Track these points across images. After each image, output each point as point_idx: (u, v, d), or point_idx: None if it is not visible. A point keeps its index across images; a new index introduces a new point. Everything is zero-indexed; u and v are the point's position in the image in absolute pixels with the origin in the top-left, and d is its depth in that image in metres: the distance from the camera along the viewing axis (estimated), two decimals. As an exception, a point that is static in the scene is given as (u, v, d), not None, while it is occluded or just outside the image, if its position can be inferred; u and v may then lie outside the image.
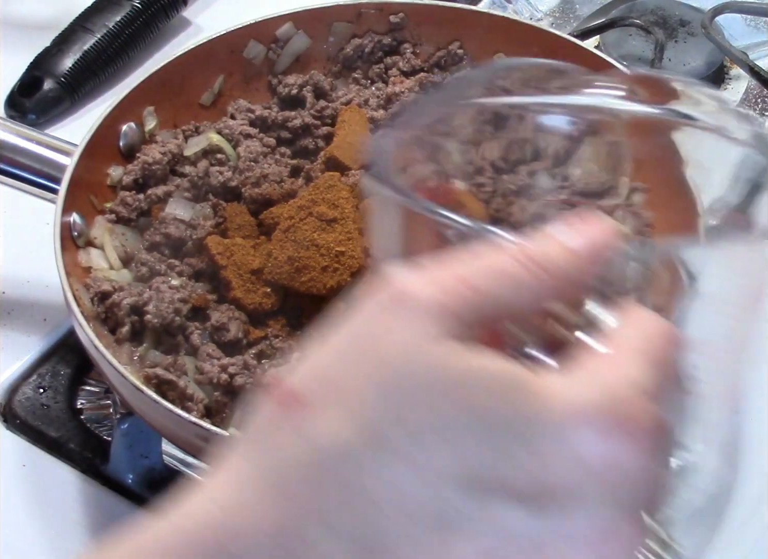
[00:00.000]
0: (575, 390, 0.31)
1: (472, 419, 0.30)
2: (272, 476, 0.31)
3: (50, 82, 0.93)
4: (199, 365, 0.67)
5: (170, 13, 0.99)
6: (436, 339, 0.31)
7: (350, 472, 0.31)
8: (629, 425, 0.31)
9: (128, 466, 0.71)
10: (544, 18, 1.02)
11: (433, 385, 0.30)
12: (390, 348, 0.31)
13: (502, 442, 0.30)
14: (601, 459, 0.30)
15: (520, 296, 0.32)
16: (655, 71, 0.32)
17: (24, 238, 0.82)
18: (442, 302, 0.31)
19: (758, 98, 0.96)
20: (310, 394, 0.31)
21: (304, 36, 0.85)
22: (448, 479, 0.30)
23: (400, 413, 0.30)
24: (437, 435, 0.30)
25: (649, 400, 0.31)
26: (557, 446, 0.30)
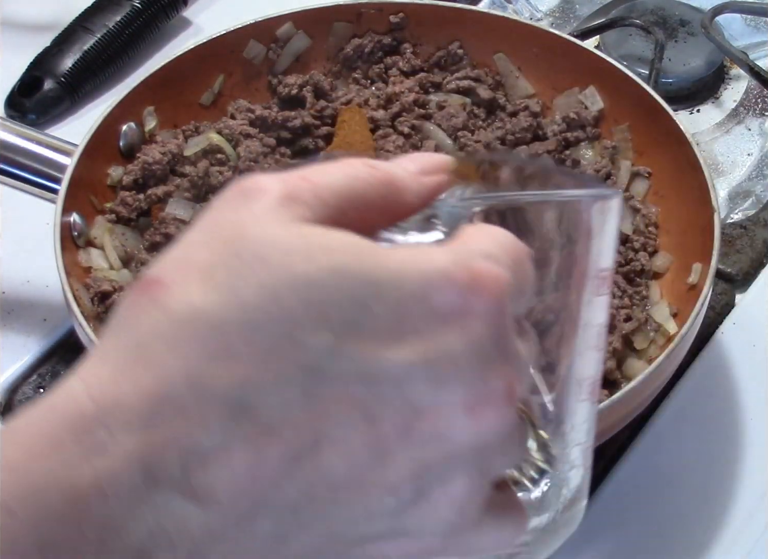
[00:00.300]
0: (426, 253, 0.33)
1: (326, 277, 0.32)
2: (132, 347, 0.32)
3: (50, 82, 0.93)
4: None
5: (170, 13, 0.99)
6: (279, 216, 0.33)
7: (208, 334, 0.32)
8: (483, 281, 0.33)
9: (128, 466, 0.70)
10: (544, 18, 1.02)
11: (278, 250, 0.32)
12: (236, 224, 0.33)
13: (357, 296, 0.32)
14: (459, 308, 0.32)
15: (364, 190, 0.35)
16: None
17: (24, 238, 0.82)
18: (284, 188, 0.34)
19: (758, 98, 0.96)
20: (166, 274, 0.33)
21: (304, 36, 0.85)
22: (308, 332, 0.32)
23: (250, 275, 0.32)
24: (292, 291, 0.32)
25: (502, 267, 0.33)
26: (412, 300, 0.32)
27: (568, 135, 0.81)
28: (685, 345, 0.67)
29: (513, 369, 0.34)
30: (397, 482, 0.33)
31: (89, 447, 0.31)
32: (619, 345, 0.70)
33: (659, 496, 0.71)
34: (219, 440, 0.31)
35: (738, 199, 0.89)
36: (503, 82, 0.85)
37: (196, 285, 0.32)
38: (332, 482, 0.32)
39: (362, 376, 0.32)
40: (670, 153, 0.77)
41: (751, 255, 0.83)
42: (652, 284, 0.75)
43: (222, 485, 0.32)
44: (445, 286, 0.33)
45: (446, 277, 0.33)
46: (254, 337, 0.32)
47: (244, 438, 0.32)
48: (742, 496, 0.71)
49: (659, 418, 0.74)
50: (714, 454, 0.73)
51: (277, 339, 0.32)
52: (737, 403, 0.75)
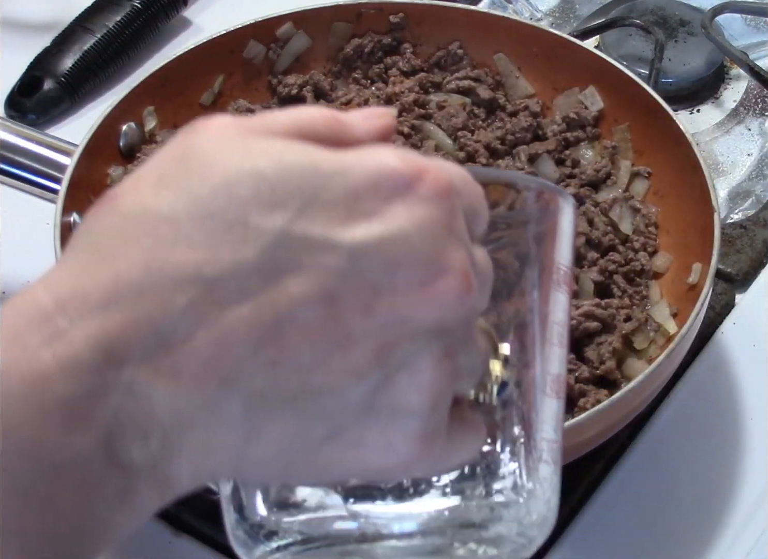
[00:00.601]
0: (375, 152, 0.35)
1: (276, 169, 0.33)
2: (89, 248, 0.33)
3: (50, 82, 0.93)
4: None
5: (170, 13, 0.99)
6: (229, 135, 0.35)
7: (162, 226, 0.33)
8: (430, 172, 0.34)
9: (128, 466, 0.71)
10: (544, 18, 1.02)
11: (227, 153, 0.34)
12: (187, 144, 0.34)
13: (307, 185, 0.33)
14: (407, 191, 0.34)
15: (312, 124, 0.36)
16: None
17: (24, 238, 0.82)
18: (235, 121, 0.35)
19: (758, 98, 0.96)
20: (121, 188, 0.34)
21: (304, 36, 0.85)
22: (260, 216, 0.33)
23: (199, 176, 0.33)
24: (242, 184, 0.33)
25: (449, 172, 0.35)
26: (362, 186, 0.33)
27: (568, 135, 0.81)
28: (685, 345, 0.67)
29: (466, 255, 0.34)
30: (362, 365, 0.33)
31: (49, 335, 0.31)
32: (619, 345, 0.70)
33: (659, 496, 0.71)
34: (180, 320, 0.32)
35: (738, 199, 0.89)
36: (503, 82, 0.85)
37: (148, 189, 0.33)
38: (296, 364, 0.33)
39: (316, 256, 0.33)
40: (670, 153, 0.77)
41: (751, 255, 0.83)
42: (652, 284, 0.75)
43: (185, 364, 0.32)
44: (393, 174, 0.34)
45: (394, 169, 0.34)
46: (207, 224, 0.32)
47: (205, 318, 0.32)
48: (742, 496, 0.71)
49: (659, 418, 0.74)
50: (714, 454, 0.73)
51: (231, 225, 0.32)
52: (737, 403, 0.75)
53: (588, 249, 0.75)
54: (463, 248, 0.35)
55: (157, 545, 0.68)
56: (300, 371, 0.33)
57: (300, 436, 0.34)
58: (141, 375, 0.32)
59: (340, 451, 0.35)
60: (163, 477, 0.34)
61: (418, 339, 0.34)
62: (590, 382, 0.69)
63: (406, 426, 0.34)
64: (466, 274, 0.34)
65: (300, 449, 0.34)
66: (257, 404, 0.33)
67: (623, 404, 0.63)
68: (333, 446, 0.34)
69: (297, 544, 0.39)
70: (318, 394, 0.33)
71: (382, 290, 0.33)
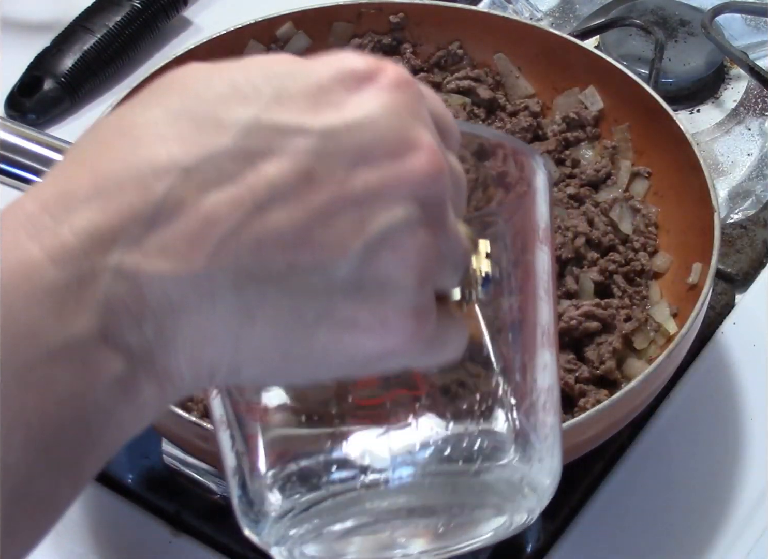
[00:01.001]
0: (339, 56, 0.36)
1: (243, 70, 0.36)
2: (69, 157, 0.35)
3: (50, 82, 0.93)
4: (199, 365, 0.67)
5: (170, 13, 0.99)
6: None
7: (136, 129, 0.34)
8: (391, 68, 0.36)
9: (128, 466, 0.71)
10: (544, 18, 1.02)
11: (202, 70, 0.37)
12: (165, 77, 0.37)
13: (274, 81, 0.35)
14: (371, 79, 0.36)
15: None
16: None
17: (24, 238, 0.82)
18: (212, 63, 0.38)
19: (758, 98, 0.96)
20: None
21: (304, 36, 0.85)
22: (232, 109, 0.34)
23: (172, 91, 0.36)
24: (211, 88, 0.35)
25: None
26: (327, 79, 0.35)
27: (568, 135, 0.81)
28: (685, 345, 0.67)
29: (432, 137, 0.36)
30: (344, 239, 0.34)
31: (35, 232, 0.32)
32: (619, 345, 0.70)
33: (659, 496, 0.71)
34: (161, 205, 0.33)
35: (738, 199, 0.89)
36: (503, 82, 0.85)
37: (125, 109, 0.35)
38: (280, 242, 0.34)
39: (289, 139, 0.34)
40: (670, 153, 0.77)
41: (751, 255, 0.83)
42: (652, 283, 0.75)
43: (170, 243, 0.33)
44: (356, 68, 0.36)
45: (357, 64, 0.36)
46: (181, 123, 0.34)
47: (185, 202, 0.33)
48: (742, 496, 0.71)
49: (659, 418, 0.74)
50: (714, 454, 0.73)
51: (203, 120, 0.34)
52: (737, 403, 0.75)
53: (588, 249, 0.75)
54: (429, 131, 0.36)
55: (157, 545, 0.68)
56: (285, 249, 0.34)
57: (293, 318, 0.34)
58: (128, 258, 0.33)
59: (335, 333, 0.35)
60: (162, 369, 0.34)
61: (396, 213, 0.35)
62: (590, 382, 0.69)
63: (396, 302, 0.35)
64: (434, 150, 0.36)
65: (294, 333, 0.35)
66: (247, 285, 0.34)
67: (623, 404, 0.63)
68: (327, 328, 0.35)
69: (300, 509, 0.40)
70: (305, 271, 0.34)
71: (355, 166, 0.34)
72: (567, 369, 0.69)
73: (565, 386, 0.68)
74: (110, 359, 0.33)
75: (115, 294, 0.32)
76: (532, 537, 0.67)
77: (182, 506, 0.70)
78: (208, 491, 0.72)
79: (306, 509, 0.40)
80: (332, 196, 0.34)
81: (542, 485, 0.42)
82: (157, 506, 0.70)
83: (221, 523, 0.69)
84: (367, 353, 0.36)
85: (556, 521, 0.69)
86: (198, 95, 0.35)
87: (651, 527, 0.69)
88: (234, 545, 0.68)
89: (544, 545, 0.68)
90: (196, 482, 0.72)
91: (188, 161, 0.33)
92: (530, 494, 0.42)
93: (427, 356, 0.38)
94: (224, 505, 0.71)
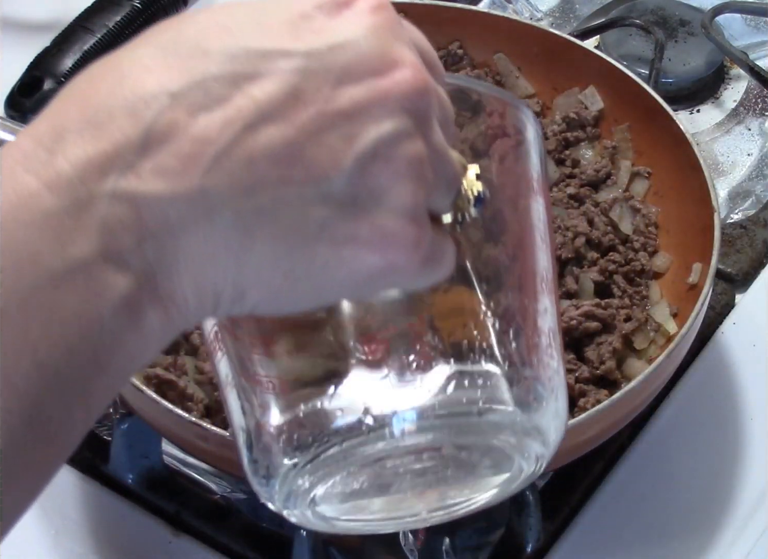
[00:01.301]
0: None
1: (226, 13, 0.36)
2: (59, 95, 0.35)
3: (50, 82, 0.93)
4: (199, 364, 0.67)
5: (170, 13, 0.99)
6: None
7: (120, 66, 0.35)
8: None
9: (128, 466, 0.71)
10: (544, 18, 1.02)
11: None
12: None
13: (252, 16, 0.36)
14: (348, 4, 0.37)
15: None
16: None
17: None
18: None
19: (758, 98, 0.96)
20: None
21: (304, 36, 0.85)
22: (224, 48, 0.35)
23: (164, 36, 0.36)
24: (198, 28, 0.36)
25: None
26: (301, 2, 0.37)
27: (568, 135, 0.81)
28: (685, 345, 0.67)
29: (414, 55, 0.37)
30: (335, 153, 0.35)
31: (30, 164, 0.33)
32: (619, 345, 0.70)
33: (659, 496, 0.71)
34: (152, 129, 0.34)
35: (738, 199, 0.89)
36: (503, 82, 0.85)
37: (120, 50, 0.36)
38: (273, 158, 0.34)
39: (274, 62, 0.35)
40: (670, 153, 0.77)
41: (751, 255, 0.83)
42: (652, 283, 0.75)
43: (164, 164, 0.33)
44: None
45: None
46: (168, 58, 0.35)
47: (176, 124, 0.34)
48: (742, 496, 0.71)
49: (659, 418, 0.74)
50: (714, 454, 0.73)
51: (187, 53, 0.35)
52: (737, 403, 0.75)
53: (588, 249, 0.75)
54: (411, 50, 0.37)
55: (157, 545, 0.68)
56: (277, 165, 0.34)
57: (291, 234, 0.35)
58: (123, 182, 0.33)
59: (335, 247, 0.36)
60: (166, 294, 0.34)
61: (384, 126, 0.36)
62: (590, 382, 0.69)
63: (392, 213, 0.36)
64: (417, 67, 0.36)
65: (294, 249, 0.35)
66: (243, 201, 0.34)
67: (623, 404, 0.63)
68: (326, 243, 0.36)
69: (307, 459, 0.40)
70: (299, 186, 0.35)
71: (340, 84, 0.35)
72: (567, 369, 0.69)
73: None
74: (112, 280, 0.33)
75: (114, 216, 0.33)
76: (532, 537, 0.67)
77: (182, 506, 0.70)
78: (208, 491, 0.72)
79: (313, 459, 0.40)
80: (319, 113, 0.35)
81: (548, 427, 0.42)
82: (157, 506, 0.70)
83: (221, 523, 0.69)
84: (368, 269, 0.36)
85: (556, 521, 0.69)
86: (182, 32, 0.36)
87: (651, 527, 0.69)
88: (234, 545, 0.68)
89: (544, 545, 0.68)
90: (196, 482, 0.72)
91: (176, 87, 0.34)
92: (536, 437, 0.42)
93: (423, 275, 0.38)
94: (224, 505, 0.71)
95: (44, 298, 0.32)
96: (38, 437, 0.33)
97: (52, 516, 0.69)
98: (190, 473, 0.72)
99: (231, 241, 0.34)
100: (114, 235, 0.33)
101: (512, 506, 0.67)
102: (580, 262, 0.74)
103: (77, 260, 0.33)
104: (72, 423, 0.34)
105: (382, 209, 0.36)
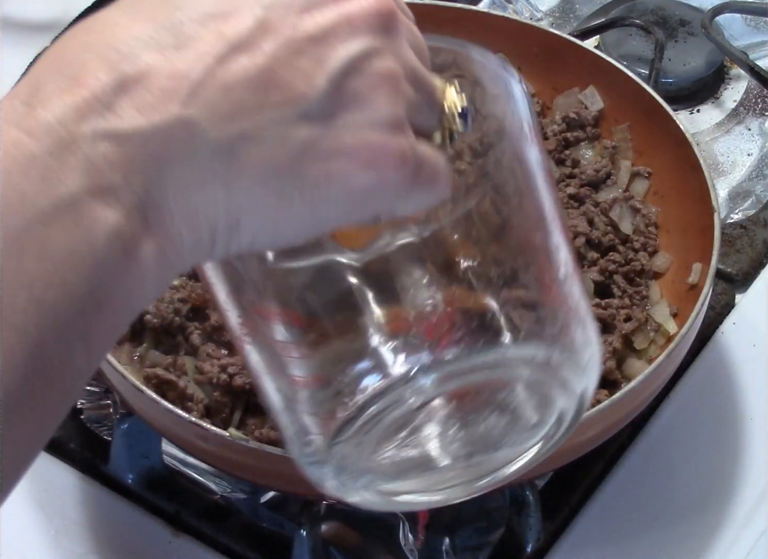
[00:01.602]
0: None
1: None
2: (44, 52, 0.36)
3: (50, 82, 0.93)
4: (199, 365, 0.67)
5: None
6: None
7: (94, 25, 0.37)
8: None
9: (128, 466, 0.71)
10: (544, 18, 1.02)
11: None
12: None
13: None
14: None
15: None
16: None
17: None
18: None
19: (758, 98, 0.96)
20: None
21: (304, 36, 0.85)
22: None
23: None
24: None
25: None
26: None
27: (568, 135, 0.81)
28: (685, 345, 0.67)
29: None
30: (309, 74, 0.36)
31: (10, 117, 0.34)
32: (619, 345, 0.70)
33: (659, 496, 0.71)
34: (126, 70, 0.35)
35: (738, 199, 0.89)
36: (503, 82, 0.85)
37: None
38: (248, 83, 0.35)
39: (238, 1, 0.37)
40: (670, 153, 0.77)
41: (751, 255, 0.83)
42: (652, 283, 0.75)
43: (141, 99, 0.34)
44: None
45: None
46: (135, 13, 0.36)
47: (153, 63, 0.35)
48: (742, 496, 0.71)
49: (659, 418, 0.74)
50: (714, 454, 0.73)
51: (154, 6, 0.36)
52: (737, 403, 0.75)
53: (588, 249, 0.75)
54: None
55: (157, 545, 0.68)
56: (253, 90, 0.36)
57: (277, 154, 0.36)
58: (103, 122, 0.34)
59: (322, 163, 0.37)
60: (158, 228, 0.35)
61: (353, 45, 0.37)
62: (590, 382, 0.69)
63: (373, 124, 0.37)
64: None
65: (282, 169, 0.36)
66: (224, 126, 0.35)
67: (623, 404, 0.63)
68: (313, 159, 0.36)
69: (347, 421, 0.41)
70: (278, 106, 0.36)
71: (305, 11, 0.37)
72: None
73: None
74: (102, 215, 0.34)
75: (97, 154, 0.34)
76: (532, 537, 0.67)
77: (182, 506, 0.70)
78: (208, 491, 0.72)
79: (352, 420, 0.41)
80: (288, 40, 0.36)
81: (582, 354, 0.43)
82: (157, 506, 0.70)
83: (221, 523, 0.69)
84: (359, 184, 0.37)
85: (556, 521, 0.69)
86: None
87: (651, 527, 0.69)
88: (234, 545, 0.68)
89: (544, 545, 0.68)
90: (196, 482, 0.72)
91: (145, 34, 0.35)
92: (572, 367, 0.42)
93: (418, 192, 0.39)
94: (224, 505, 0.71)
95: (35, 236, 0.33)
96: (40, 377, 0.33)
97: (52, 516, 0.69)
98: (190, 473, 0.72)
99: (217, 168, 0.35)
100: (99, 171, 0.34)
101: (512, 506, 0.67)
102: (580, 263, 0.74)
103: (64, 198, 0.33)
104: (74, 365, 0.34)
105: (362, 122, 0.37)
